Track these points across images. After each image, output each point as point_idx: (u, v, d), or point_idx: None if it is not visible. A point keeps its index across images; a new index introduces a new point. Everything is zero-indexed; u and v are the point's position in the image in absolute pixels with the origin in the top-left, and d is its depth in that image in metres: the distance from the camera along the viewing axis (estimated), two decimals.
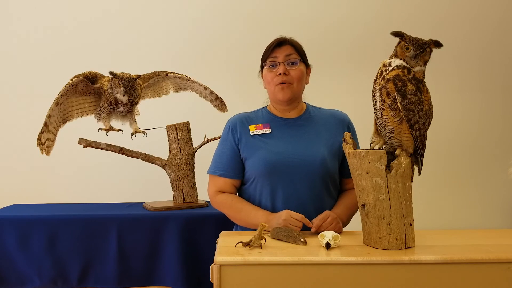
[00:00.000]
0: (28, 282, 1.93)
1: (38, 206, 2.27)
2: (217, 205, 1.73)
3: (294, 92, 1.68)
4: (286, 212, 1.54)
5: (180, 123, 2.23)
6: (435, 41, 1.29)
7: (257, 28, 3.01)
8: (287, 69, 1.66)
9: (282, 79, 1.65)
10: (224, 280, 1.19)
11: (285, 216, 1.53)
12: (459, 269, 1.21)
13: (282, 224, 1.51)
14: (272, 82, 1.68)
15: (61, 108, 2.06)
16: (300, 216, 1.52)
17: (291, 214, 1.53)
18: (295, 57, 1.67)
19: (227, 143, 1.73)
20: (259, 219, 1.57)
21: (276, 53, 1.67)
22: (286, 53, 1.66)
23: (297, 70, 1.67)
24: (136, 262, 1.95)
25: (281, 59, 1.66)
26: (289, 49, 1.67)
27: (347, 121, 1.76)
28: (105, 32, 2.98)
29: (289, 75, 1.66)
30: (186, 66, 2.73)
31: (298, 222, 1.51)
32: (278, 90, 1.67)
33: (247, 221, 1.64)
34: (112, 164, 2.84)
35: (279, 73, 1.65)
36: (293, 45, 1.69)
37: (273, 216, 1.57)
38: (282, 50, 1.66)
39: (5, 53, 2.96)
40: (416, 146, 1.31)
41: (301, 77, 1.69)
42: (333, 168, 1.67)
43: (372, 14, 3.07)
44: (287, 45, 1.67)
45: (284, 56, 1.66)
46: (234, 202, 1.69)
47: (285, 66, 1.65)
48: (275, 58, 1.67)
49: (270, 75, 1.68)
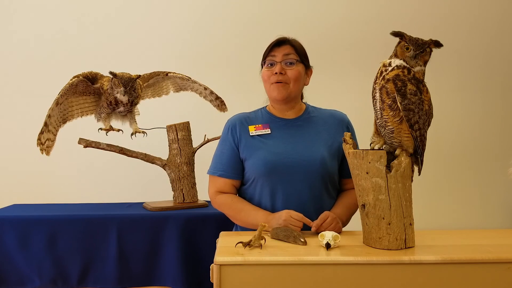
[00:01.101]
0: (28, 282, 1.93)
1: (38, 206, 2.27)
2: (217, 206, 1.73)
3: (289, 92, 1.67)
4: (286, 212, 1.54)
5: (180, 123, 2.23)
6: (435, 41, 1.29)
7: (257, 28, 3.01)
8: (283, 69, 1.65)
9: (278, 78, 1.65)
10: (224, 280, 1.19)
11: (285, 216, 1.52)
12: (459, 269, 1.21)
13: (282, 224, 1.51)
14: (268, 80, 1.68)
15: (61, 108, 2.06)
16: (300, 216, 1.52)
17: (291, 214, 1.53)
18: (293, 57, 1.67)
19: (227, 144, 1.72)
20: (259, 219, 1.57)
21: (274, 52, 1.67)
22: (284, 53, 1.66)
23: (294, 70, 1.66)
24: (136, 262, 1.95)
25: (279, 58, 1.66)
26: (288, 48, 1.67)
27: (347, 121, 1.76)
28: (105, 32, 2.98)
29: (285, 74, 1.65)
30: (186, 66, 2.72)
31: (298, 222, 1.51)
32: (273, 88, 1.67)
33: (247, 221, 1.64)
34: (112, 164, 2.84)
35: (275, 72, 1.65)
36: (293, 45, 1.68)
37: (272, 216, 1.57)
38: (281, 50, 1.66)
39: (5, 53, 2.95)
40: (416, 146, 1.31)
41: (298, 77, 1.67)
42: (333, 168, 1.67)
43: (372, 14, 3.07)
44: (286, 45, 1.67)
45: (282, 56, 1.66)
46: (234, 202, 1.69)
47: (282, 65, 1.65)
48: (273, 57, 1.67)
49: (267, 74, 1.69)
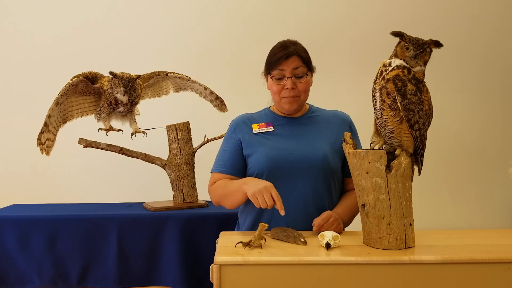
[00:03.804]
0: (28, 282, 1.93)
1: (38, 206, 2.27)
2: (212, 192, 1.71)
3: (300, 103, 1.69)
4: (271, 185, 1.46)
5: (180, 123, 2.23)
6: (435, 41, 1.29)
7: (257, 28, 3.01)
8: (294, 83, 1.64)
9: (290, 94, 1.64)
10: (224, 280, 1.19)
11: (265, 184, 1.46)
12: (459, 269, 1.21)
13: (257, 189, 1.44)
14: (279, 94, 1.67)
15: (61, 108, 2.06)
16: (278, 197, 1.43)
17: (273, 190, 1.45)
18: (302, 70, 1.64)
19: (230, 142, 1.73)
20: (238, 184, 1.56)
21: (283, 65, 1.63)
22: (293, 66, 1.63)
23: (304, 82, 1.66)
24: (136, 262, 1.95)
25: (289, 73, 1.63)
26: (296, 61, 1.63)
27: (349, 121, 1.77)
28: (105, 32, 2.98)
29: (296, 88, 1.65)
30: (186, 66, 2.72)
31: (270, 200, 1.43)
32: (285, 102, 1.67)
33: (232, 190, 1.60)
34: (112, 164, 2.83)
35: (287, 87, 1.63)
36: (300, 55, 1.65)
37: (253, 179, 1.55)
38: (289, 63, 1.63)
39: (5, 53, 2.95)
40: (416, 146, 1.31)
41: (308, 88, 1.69)
42: (335, 166, 1.67)
43: (372, 14, 3.07)
44: (294, 57, 1.63)
45: (291, 70, 1.63)
46: (225, 181, 1.67)
47: (292, 80, 1.63)
48: (282, 71, 1.64)
49: (276, 87, 1.66)
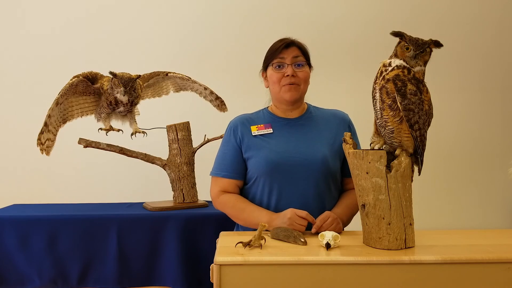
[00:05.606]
0: (28, 282, 1.93)
1: (38, 206, 2.27)
2: (220, 205, 1.73)
3: (300, 93, 1.70)
4: (291, 211, 1.53)
5: (180, 123, 2.23)
6: (435, 41, 1.29)
7: (257, 28, 3.01)
8: (295, 71, 1.66)
9: (291, 80, 1.66)
10: (224, 280, 1.19)
11: (290, 214, 1.52)
12: (459, 269, 1.21)
13: (287, 223, 1.50)
14: (279, 82, 1.68)
15: (61, 108, 2.06)
16: (305, 213, 1.51)
17: (296, 212, 1.52)
18: (302, 59, 1.68)
19: (229, 145, 1.73)
20: (262, 219, 1.55)
21: (283, 54, 1.67)
22: (293, 55, 1.67)
23: (304, 71, 1.68)
24: (136, 262, 1.95)
25: (289, 61, 1.66)
26: (296, 50, 1.68)
27: (348, 120, 1.77)
28: (105, 32, 2.98)
29: (296, 76, 1.66)
30: (186, 66, 2.72)
31: (303, 221, 1.50)
32: (285, 90, 1.67)
33: (250, 221, 1.63)
34: (112, 164, 2.84)
35: (287, 74, 1.65)
36: (300, 47, 1.70)
37: (276, 216, 1.57)
38: (289, 52, 1.67)
39: (5, 53, 2.96)
40: (416, 146, 1.31)
41: (307, 78, 1.71)
42: (335, 167, 1.68)
43: (372, 14, 3.07)
44: (294, 47, 1.68)
45: (291, 58, 1.66)
46: (237, 202, 1.68)
47: (292, 67, 1.66)
48: (282, 59, 1.67)
49: (276, 76, 1.68)
